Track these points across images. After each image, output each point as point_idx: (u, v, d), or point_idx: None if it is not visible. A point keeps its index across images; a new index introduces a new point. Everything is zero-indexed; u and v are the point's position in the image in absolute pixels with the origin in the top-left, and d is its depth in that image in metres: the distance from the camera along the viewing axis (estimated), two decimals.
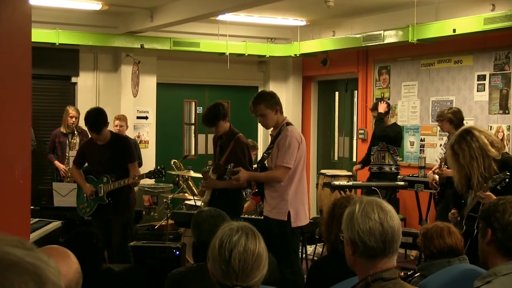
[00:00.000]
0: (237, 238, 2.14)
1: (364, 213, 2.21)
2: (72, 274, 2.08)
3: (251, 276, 2.13)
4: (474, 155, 4.34)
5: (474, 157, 4.34)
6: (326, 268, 3.40)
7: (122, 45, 9.28)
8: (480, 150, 4.34)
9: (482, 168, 4.34)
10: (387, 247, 2.19)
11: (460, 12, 7.69)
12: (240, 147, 5.82)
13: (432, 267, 3.32)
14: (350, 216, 2.24)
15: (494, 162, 4.35)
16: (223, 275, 2.13)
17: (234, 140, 5.84)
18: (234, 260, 2.11)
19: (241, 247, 2.12)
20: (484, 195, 4.32)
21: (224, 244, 2.14)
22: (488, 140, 4.38)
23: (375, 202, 2.24)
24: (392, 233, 2.19)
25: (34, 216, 5.89)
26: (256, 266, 2.14)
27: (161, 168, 6.23)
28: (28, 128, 2.98)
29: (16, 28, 2.82)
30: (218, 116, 5.87)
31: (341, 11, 8.67)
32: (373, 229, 2.19)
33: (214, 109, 5.92)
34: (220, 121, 5.88)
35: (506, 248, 2.65)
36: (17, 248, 1.04)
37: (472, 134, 4.39)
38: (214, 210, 3.68)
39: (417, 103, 8.85)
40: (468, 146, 4.36)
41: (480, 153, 4.34)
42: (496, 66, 7.74)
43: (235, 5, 7.46)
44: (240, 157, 5.78)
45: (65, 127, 8.34)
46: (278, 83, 10.87)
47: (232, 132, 5.94)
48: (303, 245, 6.96)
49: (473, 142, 4.35)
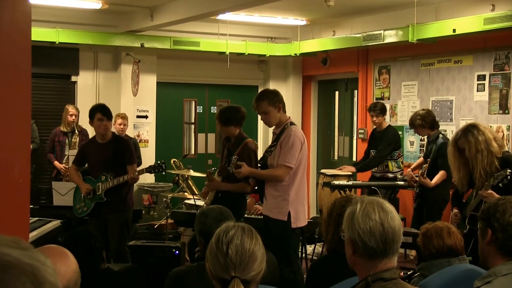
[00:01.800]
0: (233, 233, 2.20)
1: (365, 213, 2.20)
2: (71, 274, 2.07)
3: (249, 268, 2.15)
4: (480, 148, 4.38)
5: (479, 150, 4.38)
6: (326, 268, 3.40)
7: (122, 44, 9.28)
8: (486, 144, 4.38)
9: (485, 162, 4.37)
10: (388, 247, 2.19)
11: (460, 12, 7.68)
12: (247, 152, 5.77)
13: (432, 267, 3.32)
14: (351, 216, 2.24)
15: (496, 159, 4.38)
16: (221, 268, 2.15)
17: (242, 145, 5.80)
18: (231, 252, 2.15)
19: (238, 240, 2.18)
20: (487, 193, 4.33)
21: (221, 238, 2.19)
22: (492, 136, 4.42)
23: (376, 202, 2.24)
24: (392, 234, 2.19)
25: (33, 215, 5.88)
26: (253, 259, 2.16)
27: (161, 162, 6.22)
28: (28, 127, 2.98)
29: (16, 27, 2.81)
30: (233, 120, 5.78)
31: (341, 11, 8.66)
32: (373, 229, 2.18)
33: (233, 112, 5.81)
34: (232, 126, 5.80)
35: (506, 248, 2.65)
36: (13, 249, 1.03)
37: (478, 128, 4.44)
38: (222, 207, 3.69)
39: (417, 103, 8.85)
40: (475, 138, 4.41)
41: (485, 146, 4.39)
42: (496, 66, 7.74)
43: (235, 4, 7.45)
44: (247, 162, 5.75)
45: (65, 126, 8.34)
46: (278, 82, 10.86)
47: (241, 136, 5.88)
48: (302, 245, 6.96)
49: (480, 135, 4.41)
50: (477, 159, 4.40)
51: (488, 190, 4.34)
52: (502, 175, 4.28)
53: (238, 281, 2.12)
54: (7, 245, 1.03)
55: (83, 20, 9.02)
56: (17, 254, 1.02)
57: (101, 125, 6.09)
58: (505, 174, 4.27)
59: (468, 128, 4.50)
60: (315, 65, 10.54)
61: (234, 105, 6.05)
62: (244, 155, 5.71)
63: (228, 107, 6.01)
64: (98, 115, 6.08)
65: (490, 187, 4.36)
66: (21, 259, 1.02)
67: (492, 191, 4.32)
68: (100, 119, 6.08)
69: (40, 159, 8.56)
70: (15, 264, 1.01)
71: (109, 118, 6.16)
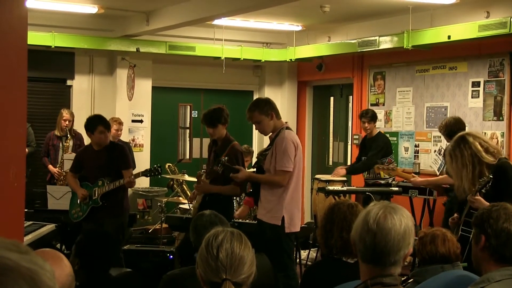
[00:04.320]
0: (222, 237, 2.22)
1: (367, 218, 2.19)
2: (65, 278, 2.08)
3: (239, 270, 2.16)
4: (465, 162, 4.37)
5: (464, 165, 4.37)
6: (320, 273, 3.40)
7: (118, 48, 9.28)
8: (471, 158, 4.36)
9: (470, 176, 4.36)
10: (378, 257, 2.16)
11: (455, 19, 7.71)
12: (234, 154, 5.81)
13: (426, 273, 3.32)
14: (360, 218, 2.24)
15: (487, 168, 4.37)
16: (212, 272, 2.16)
17: (230, 147, 5.84)
18: (222, 255, 2.16)
19: (228, 243, 2.19)
20: (474, 199, 4.35)
21: (211, 242, 2.21)
22: (483, 147, 4.39)
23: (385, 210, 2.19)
24: (384, 246, 2.14)
25: (28, 219, 5.86)
26: (243, 262, 2.18)
27: (157, 166, 6.24)
28: (23, 131, 2.98)
29: (12, 31, 2.82)
30: (219, 119, 5.86)
31: (336, 17, 8.69)
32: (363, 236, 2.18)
33: (217, 111, 5.91)
34: (220, 125, 5.88)
35: (500, 255, 2.66)
36: (12, 252, 1.03)
37: (466, 141, 4.40)
38: (214, 215, 3.66)
39: (411, 109, 8.87)
40: (461, 154, 4.38)
41: (470, 160, 4.36)
42: (491, 73, 7.76)
43: (231, 9, 7.47)
44: (234, 164, 5.77)
45: (59, 130, 8.34)
46: (273, 87, 10.88)
47: (228, 139, 5.94)
48: (297, 250, 6.96)
49: (466, 150, 4.38)
50: (462, 174, 4.40)
51: (476, 196, 4.35)
52: (484, 181, 4.29)
53: (230, 283, 2.14)
54: (6, 248, 1.04)
55: (79, 24, 9.02)
56: (16, 258, 1.02)
57: (102, 137, 6.14)
58: (487, 180, 4.28)
59: (457, 141, 4.48)
60: (310, 71, 10.56)
61: (215, 105, 6.08)
62: (232, 157, 5.74)
63: (210, 109, 6.03)
64: (100, 128, 6.12)
65: (477, 193, 4.37)
66: (20, 262, 1.02)
67: (479, 197, 4.33)
68: (102, 132, 6.13)
69: (36, 162, 8.55)
70: (14, 268, 1.01)
71: (109, 129, 6.29)
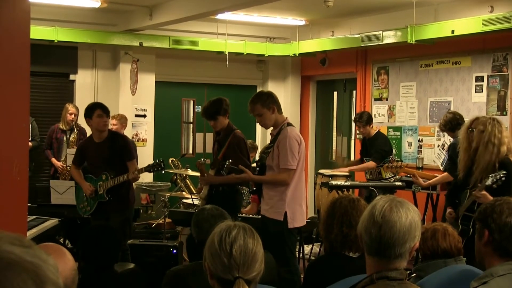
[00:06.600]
0: (236, 233, 2.17)
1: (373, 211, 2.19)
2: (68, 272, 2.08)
3: (252, 268, 2.14)
4: (493, 141, 4.45)
5: (492, 143, 4.45)
6: (323, 268, 3.40)
7: (121, 43, 9.27)
8: (499, 141, 4.45)
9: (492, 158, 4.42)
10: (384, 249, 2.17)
11: (459, 13, 7.69)
12: (237, 141, 5.84)
13: (428, 268, 3.32)
14: (366, 211, 2.24)
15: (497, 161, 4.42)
16: (225, 269, 2.13)
17: (231, 136, 5.86)
18: (236, 253, 2.12)
19: (241, 240, 2.15)
20: (480, 194, 4.35)
21: (224, 238, 2.16)
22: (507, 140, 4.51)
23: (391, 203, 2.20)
24: (389, 238, 2.16)
25: (31, 213, 5.88)
26: (256, 259, 2.15)
27: (160, 161, 6.22)
28: (26, 125, 2.98)
29: (15, 25, 2.82)
30: (219, 110, 5.88)
31: (340, 11, 8.67)
32: (369, 229, 2.19)
33: (216, 104, 5.92)
34: (220, 116, 5.89)
35: (503, 249, 2.66)
36: (16, 246, 1.03)
37: (501, 124, 4.55)
38: (215, 208, 3.66)
39: (415, 103, 8.86)
40: (497, 130, 4.47)
41: (498, 143, 4.44)
42: (494, 68, 7.75)
43: (234, 4, 7.45)
44: (237, 152, 5.79)
45: (64, 124, 8.37)
46: (276, 82, 10.87)
47: (230, 128, 5.96)
48: (300, 245, 6.97)
49: (499, 132, 4.47)
50: (486, 149, 4.44)
51: (482, 191, 4.35)
52: (495, 177, 4.30)
53: (242, 281, 2.10)
54: (10, 242, 1.04)
55: (82, 18, 9.01)
56: (20, 252, 1.02)
57: (101, 121, 6.09)
58: (499, 176, 4.29)
59: (493, 119, 4.58)
60: (314, 65, 10.54)
61: (213, 98, 6.08)
62: (234, 145, 5.78)
63: (209, 101, 6.05)
64: (98, 111, 6.08)
65: (484, 188, 4.37)
66: (23, 257, 1.02)
67: (485, 192, 4.33)
68: (100, 115, 6.08)
69: (40, 157, 8.57)
70: (17, 262, 1.01)
71: (108, 115, 6.19)
